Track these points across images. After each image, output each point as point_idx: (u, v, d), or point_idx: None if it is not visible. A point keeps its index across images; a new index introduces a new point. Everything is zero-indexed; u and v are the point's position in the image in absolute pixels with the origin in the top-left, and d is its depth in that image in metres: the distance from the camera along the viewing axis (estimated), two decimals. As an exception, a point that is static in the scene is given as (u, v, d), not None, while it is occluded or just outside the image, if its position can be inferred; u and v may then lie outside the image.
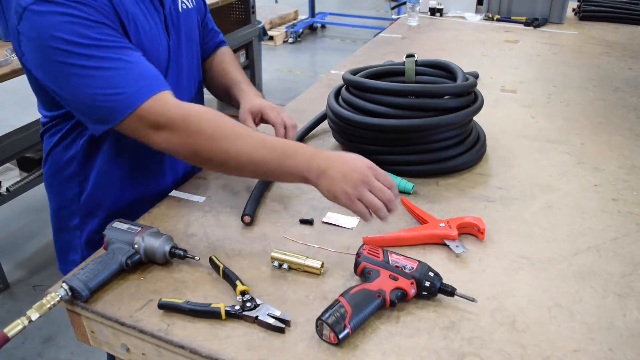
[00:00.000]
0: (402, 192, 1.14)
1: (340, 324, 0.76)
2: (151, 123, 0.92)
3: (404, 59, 1.36)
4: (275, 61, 5.43)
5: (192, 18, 1.19)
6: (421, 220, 1.04)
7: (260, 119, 1.22)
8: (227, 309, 0.82)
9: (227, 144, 0.92)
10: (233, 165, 0.93)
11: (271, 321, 0.80)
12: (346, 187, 0.89)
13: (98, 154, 1.10)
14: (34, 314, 0.81)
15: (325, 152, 0.93)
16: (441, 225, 0.99)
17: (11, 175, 2.71)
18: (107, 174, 1.12)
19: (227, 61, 1.35)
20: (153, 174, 1.19)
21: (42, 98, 1.07)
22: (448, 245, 0.97)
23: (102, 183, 1.13)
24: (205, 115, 0.94)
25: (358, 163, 0.91)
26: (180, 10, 1.13)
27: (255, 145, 0.92)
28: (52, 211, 1.21)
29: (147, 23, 1.03)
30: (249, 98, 1.26)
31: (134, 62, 0.93)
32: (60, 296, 0.84)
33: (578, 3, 2.68)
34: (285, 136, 1.19)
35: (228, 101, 1.35)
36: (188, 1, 1.17)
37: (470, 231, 1.01)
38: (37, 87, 1.03)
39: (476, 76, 1.78)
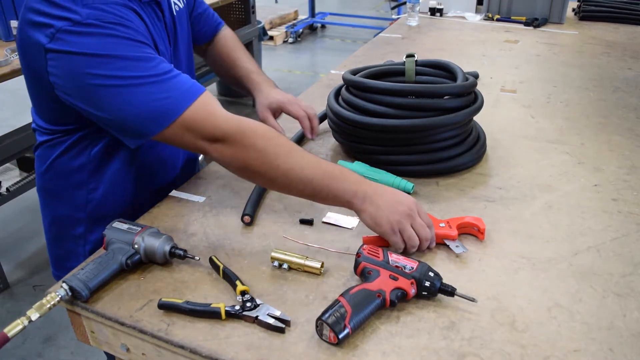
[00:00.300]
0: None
1: (340, 324, 0.76)
2: (205, 135, 0.93)
3: (404, 59, 1.36)
4: (275, 61, 5.43)
5: (185, 17, 1.18)
6: None
7: (280, 112, 1.24)
8: (227, 309, 0.82)
9: (278, 160, 0.92)
10: (282, 181, 0.94)
11: (271, 321, 0.80)
12: (391, 217, 0.91)
13: (111, 162, 1.09)
14: (34, 314, 0.81)
15: (371, 181, 0.96)
16: (441, 225, 0.99)
17: (11, 175, 2.72)
18: (118, 182, 1.12)
19: (231, 47, 1.33)
20: (156, 175, 1.19)
21: (50, 112, 1.04)
22: (448, 246, 0.97)
23: (112, 191, 1.12)
24: (259, 130, 0.95)
25: (405, 198, 0.94)
26: (175, 13, 1.12)
27: (305, 165, 0.93)
28: (49, 218, 1.18)
29: (156, 35, 1.03)
30: (265, 93, 1.25)
31: (170, 71, 0.93)
32: (60, 296, 0.84)
33: (578, 3, 2.68)
34: (311, 127, 1.25)
35: (237, 89, 1.35)
36: (179, 1, 1.15)
37: (470, 231, 1.01)
38: (43, 99, 1.01)
39: (476, 76, 1.78)
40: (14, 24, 2.32)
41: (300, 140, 1.37)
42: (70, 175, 1.10)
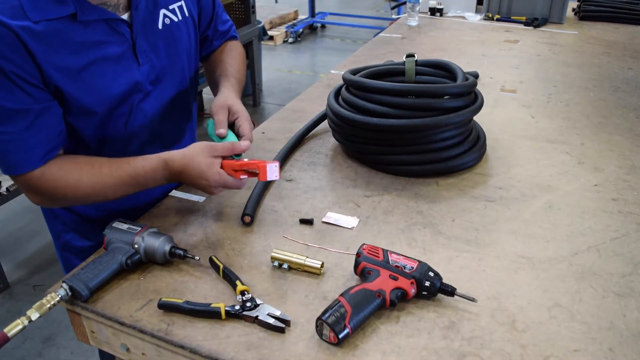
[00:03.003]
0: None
1: (340, 324, 0.76)
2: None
3: (404, 59, 1.36)
4: (275, 61, 5.43)
5: (179, 30, 1.10)
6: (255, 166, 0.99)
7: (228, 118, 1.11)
8: (227, 309, 0.82)
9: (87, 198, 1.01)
10: (101, 200, 1.02)
11: (271, 321, 0.80)
12: (199, 187, 1.01)
13: None
14: (34, 314, 0.81)
15: (174, 160, 1.00)
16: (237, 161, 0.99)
17: (11, 175, 2.72)
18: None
19: (226, 51, 1.27)
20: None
21: None
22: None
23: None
24: (64, 181, 0.97)
25: (204, 173, 0.98)
26: (161, 27, 1.06)
27: (109, 187, 0.99)
28: (52, 233, 1.23)
29: (103, 62, 0.97)
30: (226, 94, 1.13)
31: (6, 133, 0.91)
32: (60, 296, 0.84)
33: (578, 3, 2.68)
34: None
35: (210, 83, 1.27)
36: (175, 15, 1.09)
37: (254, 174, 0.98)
38: None
39: (476, 76, 1.78)
40: None
41: (302, 138, 1.37)
42: None
